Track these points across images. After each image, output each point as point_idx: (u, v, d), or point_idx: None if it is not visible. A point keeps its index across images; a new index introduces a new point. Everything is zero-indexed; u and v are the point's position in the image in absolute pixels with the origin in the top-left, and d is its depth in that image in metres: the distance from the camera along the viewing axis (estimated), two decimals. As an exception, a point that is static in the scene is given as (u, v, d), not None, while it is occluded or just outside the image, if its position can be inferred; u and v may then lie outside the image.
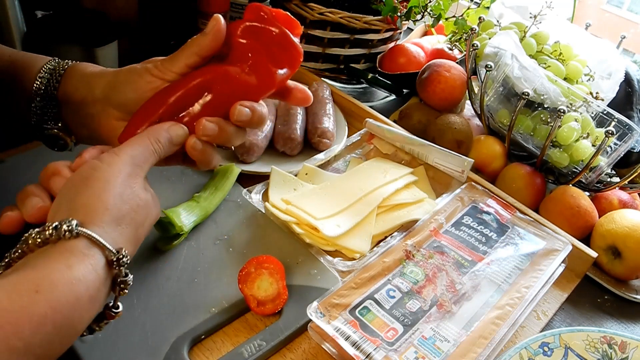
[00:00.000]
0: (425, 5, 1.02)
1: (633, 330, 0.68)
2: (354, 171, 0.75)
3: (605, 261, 0.73)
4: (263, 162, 0.78)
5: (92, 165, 0.40)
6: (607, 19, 2.12)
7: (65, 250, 0.36)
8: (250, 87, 0.47)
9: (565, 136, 0.77)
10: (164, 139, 0.44)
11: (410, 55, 1.04)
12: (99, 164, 0.40)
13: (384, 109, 0.97)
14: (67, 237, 0.36)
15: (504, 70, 0.81)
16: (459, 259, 0.63)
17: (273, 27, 0.47)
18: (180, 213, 0.62)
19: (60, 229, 0.36)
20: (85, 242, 0.36)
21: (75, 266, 0.35)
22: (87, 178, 0.39)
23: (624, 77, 0.85)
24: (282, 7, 0.98)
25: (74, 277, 0.35)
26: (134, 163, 0.41)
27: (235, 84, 0.47)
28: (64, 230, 0.36)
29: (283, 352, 0.55)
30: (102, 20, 0.86)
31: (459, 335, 0.54)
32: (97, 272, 0.36)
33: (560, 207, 0.76)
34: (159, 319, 0.53)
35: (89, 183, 0.39)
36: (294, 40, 0.48)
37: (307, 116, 0.86)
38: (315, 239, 0.64)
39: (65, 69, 0.52)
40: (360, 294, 0.57)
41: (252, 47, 0.47)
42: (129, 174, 0.41)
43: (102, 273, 0.37)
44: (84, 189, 0.39)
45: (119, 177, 0.40)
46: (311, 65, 1.04)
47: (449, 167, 0.76)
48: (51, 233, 0.36)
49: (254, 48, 0.47)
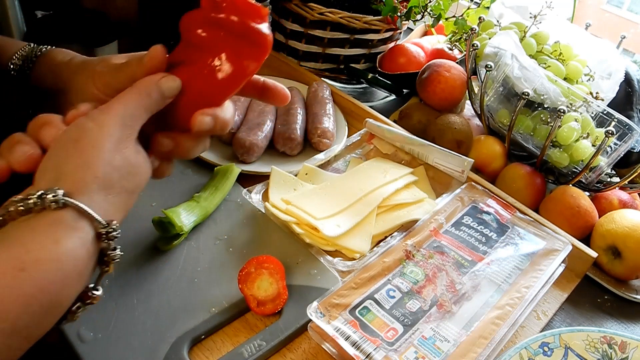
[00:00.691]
0: (425, 5, 1.02)
1: (633, 330, 0.68)
2: (354, 171, 0.75)
3: (605, 261, 0.73)
4: (263, 162, 0.78)
5: (82, 125, 0.38)
6: (607, 19, 2.12)
7: (52, 222, 0.34)
8: (213, 87, 0.43)
9: (565, 136, 0.77)
10: (155, 92, 0.41)
11: (410, 55, 1.04)
12: (90, 124, 0.37)
13: (384, 109, 0.97)
14: (53, 207, 0.33)
15: (504, 70, 0.81)
16: (459, 259, 0.63)
17: (233, 16, 0.42)
18: (180, 213, 0.62)
19: (45, 199, 0.33)
20: (72, 213, 0.34)
21: (63, 240, 0.33)
22: (76, 141, 0.37)
23: (624, 77, 0.85)
24: (282, 7, 0.99)
25: (62, 253, 0.33)
26: (124, 124, 0.38)
27: (195, 86, 0.43)
28: (50, 200, 0.33)
29: (283, 352, 0.55)
30: (102, 20, 0.86)
31: (459, 335, 0.54)
32: (86, 245, 0.35)
33: (560, 207, 0.76)
34: (159, 319, 0.53)
35: (78, 147, 0.36)
36: (258, 27, 0.42)
37: (307, 116, 0.86)
38: (315, 239, 0.64)
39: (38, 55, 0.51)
40: (360, 294, 0.57)
41: (211, 40, 0.43)
42: (120, 137, 0.38)
43: (91, 247, 0.35)
44: (73, 153, 0.36)
45: (108, 141, 0.37)
46: (311, 65, 1.04)
47: (449, 167, 0.76)
48: (35, 202, 0.33)
49: (213, 41, 0.43)
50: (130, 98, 0.40)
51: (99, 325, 0.52)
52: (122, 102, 0.39)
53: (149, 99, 0.40)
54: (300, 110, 0.85)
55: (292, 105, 0.86)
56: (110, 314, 0.53)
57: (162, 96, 0.41)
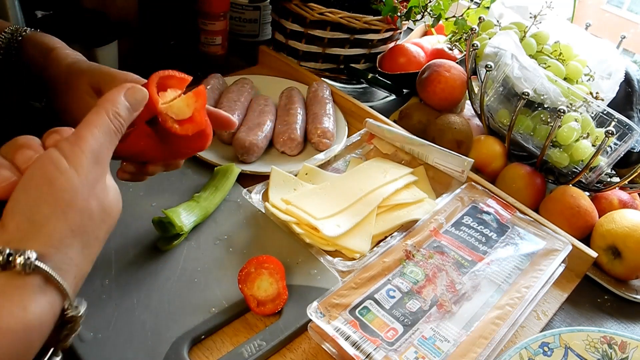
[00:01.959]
0: (425, 5, 1.02)
1: (633, 330, 0.68)
2: (354, 171, 0.75)
3: (605, 261, 0.73)
4: (263, 162, 0.78)
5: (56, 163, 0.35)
6: (607, 19, 2.12)
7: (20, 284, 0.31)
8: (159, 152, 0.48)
9: (565, 136, 0.77)
10: (123, 110, 0.39)
11: (410, 55, 1.04)
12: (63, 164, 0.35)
13: (384, 109, 0.97)
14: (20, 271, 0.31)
15: (504, 70, 0.81)
16: (459, 259, 0.63)
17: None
18: (180, 213, 0.62)
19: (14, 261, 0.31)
20: (41, 278, 0.32)
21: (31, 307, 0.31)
22: (51, 183, 0.34)
23: (624, 77, 0.85)
24: (282, 7, 0.99)
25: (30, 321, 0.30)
26: (97, 161, 0.36)
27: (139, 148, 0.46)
28: (20, 264, 0.31)
29: (283, 352, 0.55)
30: (102, 20, 0.86)
31: (459, 335, 0.54)
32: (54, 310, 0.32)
33: (560, 207, 0.76)
34: (159, 319, 0.53)
35: (52, 190, 0.34)
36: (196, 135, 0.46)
37: (307, 116, 0.86)
38: (315, 239, 0.64)
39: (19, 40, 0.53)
40: (360, 294, 0.57)
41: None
42: (94, 177, 0.36)
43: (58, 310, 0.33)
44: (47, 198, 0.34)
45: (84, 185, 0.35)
46: (311, 65, 1.04)
47: (449, 167, 0.76)
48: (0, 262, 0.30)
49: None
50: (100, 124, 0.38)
51: (99, 325, 0.52)
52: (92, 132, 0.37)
53: (118, 119, 0.39)
54: (300, 110, 0.85)
55: (292, 105, 0.86)
56: (110, 314, 0.53)
57: (129, 111, 0.40)
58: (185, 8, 0.99)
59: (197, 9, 0.97)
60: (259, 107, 0.84)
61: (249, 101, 0.87)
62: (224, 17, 0.99)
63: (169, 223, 0.61)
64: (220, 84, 0.89)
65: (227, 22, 1.01)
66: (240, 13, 1.11)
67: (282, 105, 0.87)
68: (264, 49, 1.03)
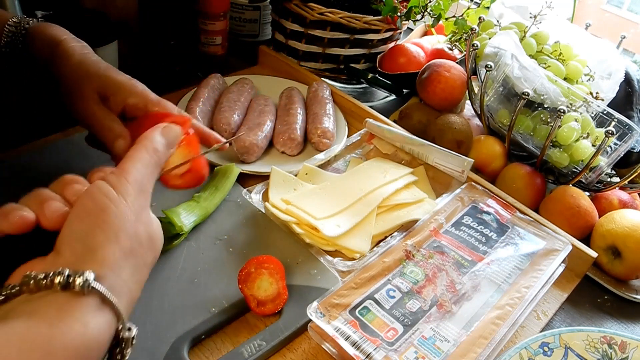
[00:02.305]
0: (425, 5, 1.02)
1: (633, 330, 0.68)
2: (354, 171, 0.75)
3: (605, 261, 0.73)
4: (263, 162, 0.78)
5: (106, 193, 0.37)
6: (607, 19, 2.12)
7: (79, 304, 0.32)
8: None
9: (565, 136, 0.77)
10: (161, 146, 0.43)
11: (410, 55, 1.04)
12: (112, 193, 0.37)
13: (384, 109, 0.97)
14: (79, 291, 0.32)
15: (504, 70, 0.81)
16: (459, 259, 0.63)
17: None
18: (180, 213, 0.62)
19: (73, 282, 0.32)
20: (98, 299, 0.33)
21: (91, 324, 0.32)
22: (102, 211, 0.36)
23: (624, 77, 0.85)
24: (282, 7, 0.99)
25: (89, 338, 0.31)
26: (141, 190, 0.39)
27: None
28: (79, 284, 0.32)
29: (283, 352, 0.55)
30: (102, 20, 0.86)
31: (459, 335, 0.54)
32: (110, 330, 0.33)
33: (560, 207, 0.76)
34: (159, 319, 0.53)
35: (104, 217, 0.36)
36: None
37: (307, 116, 0.86)
38: (315, 239, 0.64)
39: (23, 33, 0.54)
40: (360, 294, 0.57)
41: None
42: (140, 206, 0.38)
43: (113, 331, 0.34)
44: (100, 224, 0.35)
45: (131, 212, 0.37)
46: (311, 65, 1.04)
47: (449, 167, 0.76)
48: (61, 282, 0.32)
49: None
50: (142, 159, 0.41)
51: (99, 325, 0.51)
52: (136, 166, 0.40)
53: (157, 155, 0.42)
54: (300, 110, 0.85)
55: (292, 105, 0.86)
56: (110, 314, 0.53)
57: (167, 147, 0.44)
58: (185, 8, 0.99)
59: (197, 9, 0.97)
60: (259, 107, 0.84)
61: (249, 101, 0.87)
62: (224, 17, 0.99)
63: (168, 223, 0.61)
64: (220, 84, 0.89)
65: (227, 22, 1.01)
66: (240, 13, 1.11)
67: (282, 105, 0.87)
68: (264, 49, 1.03)
